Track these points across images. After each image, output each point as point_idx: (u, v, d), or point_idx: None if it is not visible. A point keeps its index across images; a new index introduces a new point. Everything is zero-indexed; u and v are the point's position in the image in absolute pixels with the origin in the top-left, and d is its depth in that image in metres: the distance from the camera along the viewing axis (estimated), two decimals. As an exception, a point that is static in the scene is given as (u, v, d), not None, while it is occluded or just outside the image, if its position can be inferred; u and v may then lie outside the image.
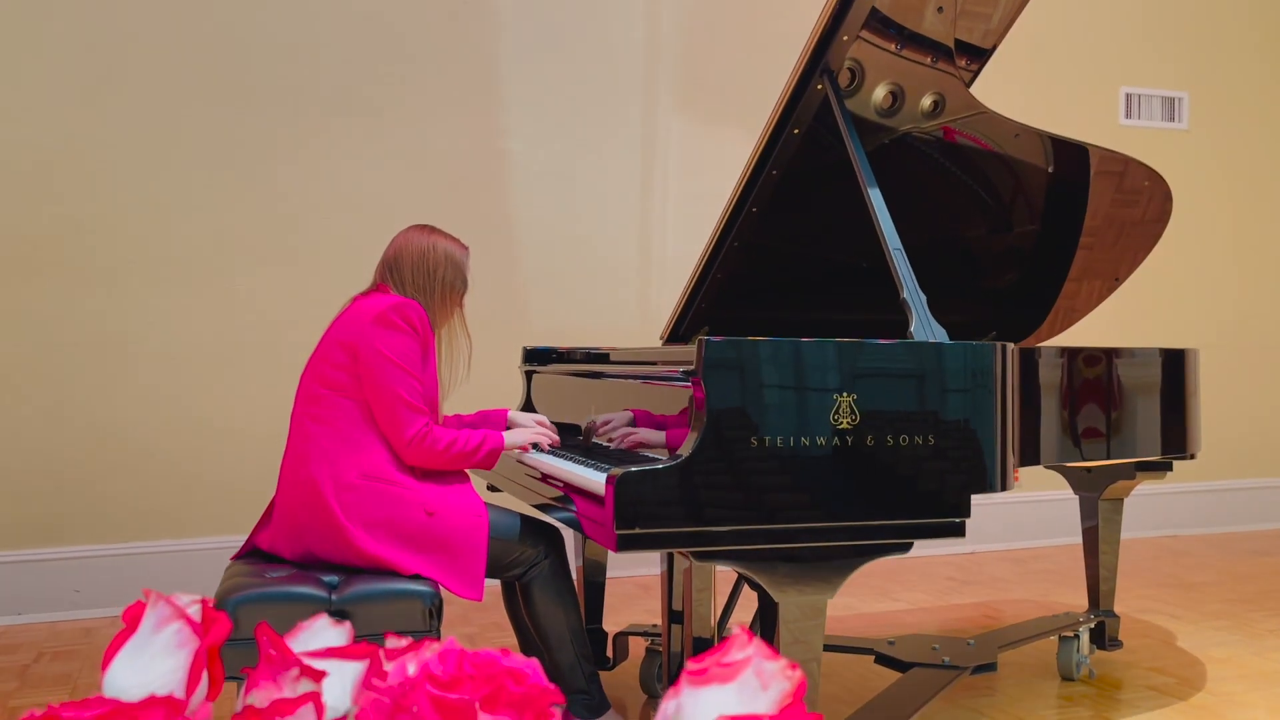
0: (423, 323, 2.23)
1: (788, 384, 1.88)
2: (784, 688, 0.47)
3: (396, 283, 2.32)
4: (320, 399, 2.22)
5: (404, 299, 2.26)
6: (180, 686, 0.46)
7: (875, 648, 2.76)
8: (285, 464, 2.25)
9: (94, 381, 3.77)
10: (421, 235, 2.37)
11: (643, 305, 4.42)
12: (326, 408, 2.20)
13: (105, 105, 3.80)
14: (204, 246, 3.89)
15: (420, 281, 2.31)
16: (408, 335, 2.19)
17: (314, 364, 2.28)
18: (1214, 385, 5.14)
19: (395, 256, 2.35)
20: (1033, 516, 4.96)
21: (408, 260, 2.33)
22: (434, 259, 2.33)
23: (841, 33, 2.39)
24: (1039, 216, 3.06)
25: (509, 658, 0.48)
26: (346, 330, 2.24)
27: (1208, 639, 3.38)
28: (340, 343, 2.23)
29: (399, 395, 2.15)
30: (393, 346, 2.17)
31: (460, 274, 2.37)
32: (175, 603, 0.51)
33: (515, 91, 4.28)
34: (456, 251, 2.38)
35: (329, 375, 2.22)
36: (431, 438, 2.17)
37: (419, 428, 2.16)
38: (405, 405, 2.15)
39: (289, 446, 2.25)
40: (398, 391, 2.15)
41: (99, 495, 3.76)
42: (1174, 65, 5.29)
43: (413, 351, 2.19)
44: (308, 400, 2.25)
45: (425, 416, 2.18)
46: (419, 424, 2.16)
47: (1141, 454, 2.71)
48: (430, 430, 2.17)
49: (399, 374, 2.16)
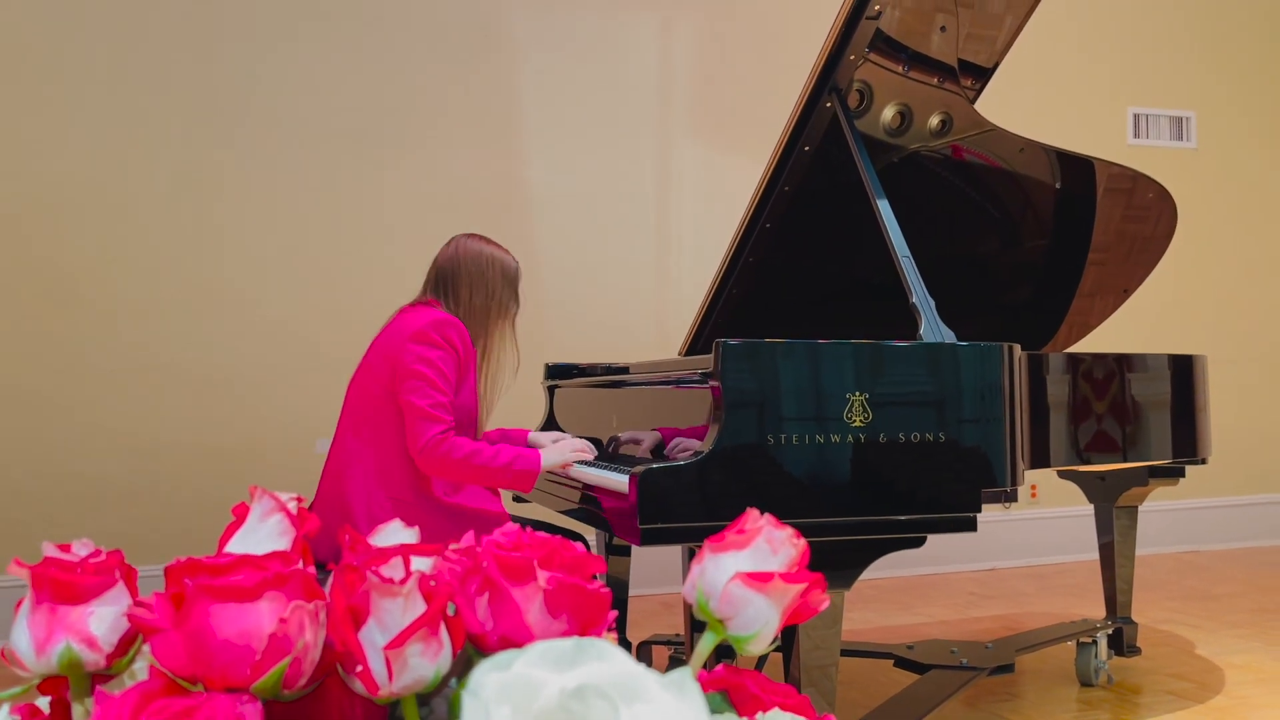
0: (463, 340, 2.19)
1: (802, 384, 1.97)
2: (791, 554, 0.56)
3: (449, 297, 2.28)
4: (361, 416, 2.21)
5: (445, 316, 2.21)
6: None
7: (894, 652, 2.82)
8: (324, 479, 2.25)
9: (128, 407, 3.89)
10: (477, 245, 2.31)
11: (660, 327, 4.52)
12: (367, 425, 2.20)
13: (135, 138, 3.95)
14: (235, 275, 4.02)
15: (478, 300, 2.27)
16: (443, 350, 2.15)
17: (358, 379, 2.28)
18: (1227, 400, 5.19)
19: (452, 269, 2.29)
20: (1053, 532, 5.00)
21: (465, 276, 2.27)
22: (492, 276, 2.28)
23: (849, 53, 2.49)
24: (1049, 231, 3.14)
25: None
26: (388, 346, 2.21)
27: (1227, 646, 3.41)
28: (382, 359, 2.20)
29: (415, 404, 2.11)
30: (423, 358, 2.13)
31: (514, 291, 2.33)
32: (278, 497, 0.60)
33: (534, 120, 4.41)
34: (511, 265, 2.33)
35: (371, 392, 2.21)
36: (448, 445, 2.09)
37: (433, 434, 2.09)
38: (420, 413, 2.10)
39: (328, 461, 2.26)
40: (414, 401, 2.11)
41: (135, 518, 3.86)
42: (1181, 85, 5.38)
43: (445, 366, 2.15)
44: (350, 416, 2.25)
45: (442, 425, 2.11)
46: (433, 431, 2.09)
47: (1153, 458, 2.77)
48: (447, 438, 2.10)
49: (421, 384, 2.12)
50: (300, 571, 0.53)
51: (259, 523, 0.60)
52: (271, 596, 0.52)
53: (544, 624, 0.55)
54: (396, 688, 0.52)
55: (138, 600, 0.53)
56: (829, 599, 0.57)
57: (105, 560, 0.57)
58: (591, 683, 0.43)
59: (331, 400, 3.93)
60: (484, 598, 0.55)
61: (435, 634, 0.52)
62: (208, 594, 0.51)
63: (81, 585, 0.55)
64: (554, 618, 0.55)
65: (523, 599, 0.54)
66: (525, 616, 0.54)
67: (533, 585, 0.54)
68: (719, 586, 0.56)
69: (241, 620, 0.51)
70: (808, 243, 2.97)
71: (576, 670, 0.44)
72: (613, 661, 0.45)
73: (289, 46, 4.11)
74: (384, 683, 0.52)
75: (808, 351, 1.97)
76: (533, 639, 0.54)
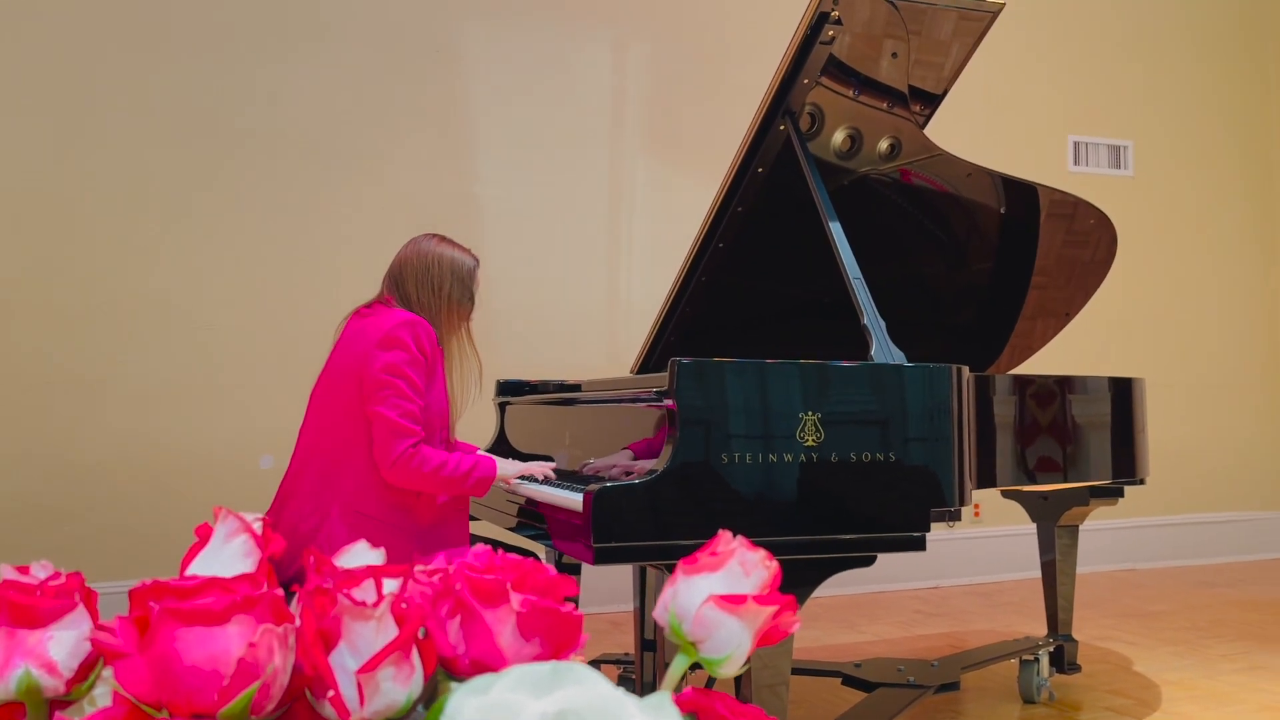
0: (430, 340, 2.14)
1: (757, 403, 1.98)
2: (764, 576, 0.56)
3: (398, 294, 2.22)
4: (325, 428, 2.15)
5: (411, 316, 2.15)
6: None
7: (842, 670, 2.84)
8: (283, 494, 2.18)
9: (65, 423, 3.80)
10: (428, 244, 2.26)
11: (610, 345, 4.52)
12: (331, 437, 2.14)
13: (79, 149, 3.87)
14: (176, 289, 3.95)
15: (424, 297, 2.21)
16: (411, 354, 2.09)
17: (320, 391, 2.21)
18: (1162, 422, 5.32)
19: (400, 268, 2.24)
20: (996, 551, 5.07)
21: (411, 273, 2.22)
22: (439, 274, 2.22)
23: (802, 76, 2.53)
24: (993, 255, 3.20)
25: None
26: (353, 354, 2.14)
27: (1163, 664, 3.48)
28: (347, 369, 2.14)
29: (384, 415, 2.05)
30: (391, 366, 2.07)
31: (467, 290, 2.26)
32: (243, 518, 0.59)
33: (487, 136, 4.40)
34: (465, 263, 2.26)
35: (336, 403, 2.14)
36: (419, 458, 2.05)
37: (403, 449, 2.04)
38: (391, 426, 2.05)
39: (287, 477, 2.19)
40: (383, 412, 2.05)
41: (69, 535, 3.76)
42: (1120, 115, 5.53)
43: (414, 371, 2.09)
44: (312, 429, 2.18)
45: (414, 437, 2.06)
46: (404, 445, 2.05)
47: (1094, 478, 2.83)
48: (418, 451, 2.06)
49: (390, 394, 2.06)
50: (270, 594, 0.52)
51: (223, 544, 0.59)
52: (240, 620, 0.51)
53: (516, 647, 0.54)
54: (368, 713, 0.51)
55: (99, 624, 0.51)
56: (799, 621, 0.57)
57: (65, 583, 0.56)
58: (571, 707, 0.43)
59: (277, 415, 3.88)
60: (456, 620, 0.55)
61: (408, 658, 0.52)
62: (174, 617, 0.50)
63: (41, 609, 0.54)
64: (526, 641, 0.55)
65: (495, 622, 0.54)
66: (498, 639, 0.54)
67: (506, 608, 0.54)
68: (692, 609, 0.56)
69: (209, 644, 0.50)
70: (761, 263, 2.99)
71: (555, 695, 0.44)
72: (591, 686, 0.44)
73: (236, 62, 4.06)
74: (355, 708, 0.51)
75: (763, 371, 1.99)
76: (505, 662, 0.54)
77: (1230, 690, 3.15)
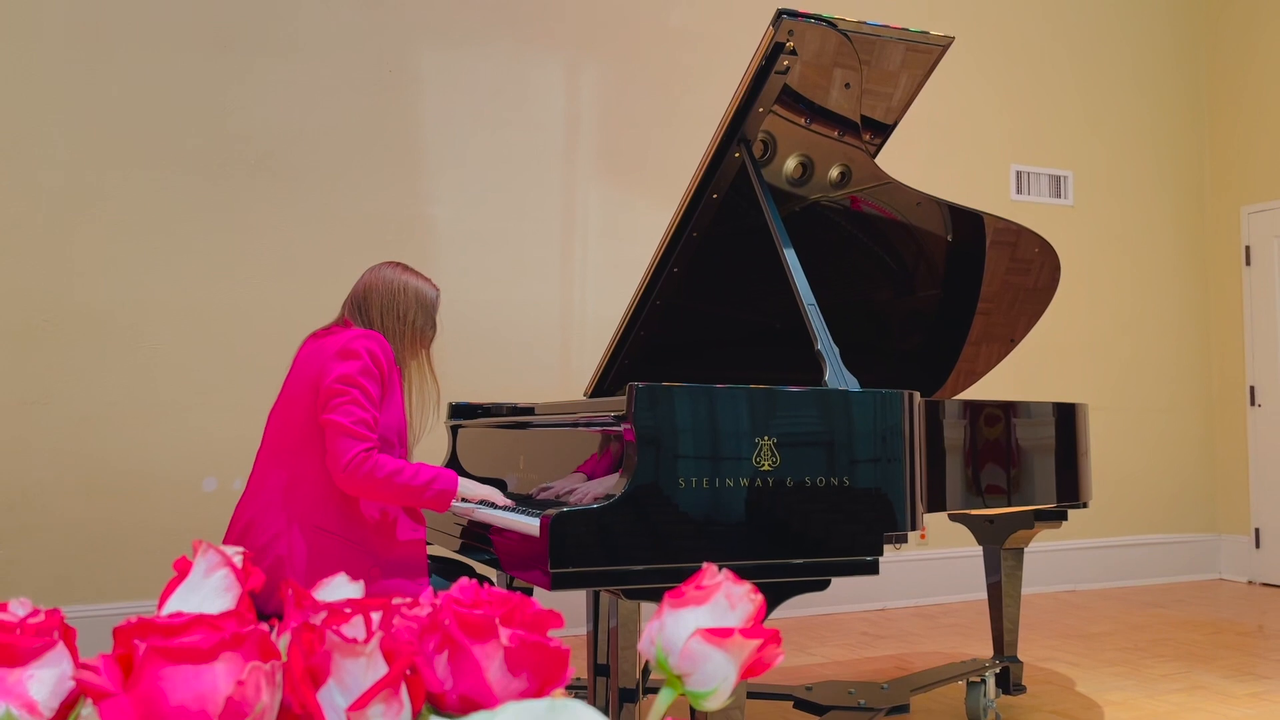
0: (386, 355, 2.14)
1: (714, 428, 2.00)
2: (749, 609, 0.57)
3: (363, 320, 2.23)
4: (282, 447, 2.14)
5: (369, 331, 2.17)
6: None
7: (794, 693, 2.85)
8: (240, 517, 2.14)
9: (2, 444, 3.70)
10: (392, 273, 2.28)
11: (564, 368, 4.52)
12: (289, 455, 2.12)
13: (19, 165, 3.79)
14: (120, 308, 3.87)
15: (389, 323, 2.22)
16: (365, 364, 2.08)
17: (278, 410, 2.20)
18: (1103, 446, 5.44)
19: (364, 294, 2.26)
20: (941, 573, 5.14)
21: (376, 299, 2.24)
22: (404, 301, 2.24)
23: (758, 105, 2.56)
24: (940, 281, 3.26)
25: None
26: (309, 369, 2.14)
27: (1105, 684, 3.55)
28: (304, 384, 2.14)
29: (337, 422, 2.03)
30: (345, 376, 2.06)
31: (430, 318, 2.29)
32: (223, 551, 0.59)
33: (440, 157, 4.39)
34: (428, 293, 2.29)
35: (294, 420, 2.13)
36: (371, 463, 2.02)
37: (356, 452, 2.01)
38: (343, 430, 2.03)
39: (245, 498, 2.17)
40: (336, 419, 2.04)
41: (8, 560, 3.66)
42: (1060, 146, 5.68)
43: (368, 382, 2.08)
44: (270, 449, 2.17)
45: (366, 443, 2.04)
46: (356, 449, 2.02)
47: (1039, 501, 2.89)
48: (370, 456, 2.03)
49: (343, 401, 2.05)
50: (257, 630, 0.52)
51: (202, 579, 0.58)
52: (228, 658, 0.50)
53: (504, 682, 0.54)
54: (356, 750, 0.51)
55: (82, 663, 0.51)
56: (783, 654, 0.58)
57: (44, 620, 0.55)
58: (569, 744, 0.44)
59: (220, 437, 3.81)
60: (443, 656, 0.55)
61: (397, 694, 0.52)
62: (160, 656, 0.50)
63: (20, 647, 0.53)
64: (514, 675, 0.55)
65: (484, 657, 0.54)
66: (486, 675, 0.54)
67: (494, 643, 0.54)
68: (679, 643, 0.57)
69: (196, 683, 0.49)
70: (715, 288, 3.02)
71: (552, 731, 0.44)
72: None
73: (185, 77, 4.01)
74: (343, 745, 0.51)
75: (720, 396, 2.00)
76: (493, 697, 0.54)
77: (1171, 710, 3.22)
